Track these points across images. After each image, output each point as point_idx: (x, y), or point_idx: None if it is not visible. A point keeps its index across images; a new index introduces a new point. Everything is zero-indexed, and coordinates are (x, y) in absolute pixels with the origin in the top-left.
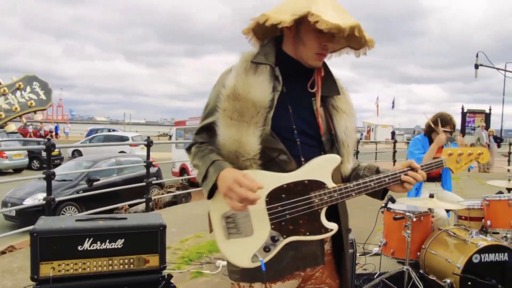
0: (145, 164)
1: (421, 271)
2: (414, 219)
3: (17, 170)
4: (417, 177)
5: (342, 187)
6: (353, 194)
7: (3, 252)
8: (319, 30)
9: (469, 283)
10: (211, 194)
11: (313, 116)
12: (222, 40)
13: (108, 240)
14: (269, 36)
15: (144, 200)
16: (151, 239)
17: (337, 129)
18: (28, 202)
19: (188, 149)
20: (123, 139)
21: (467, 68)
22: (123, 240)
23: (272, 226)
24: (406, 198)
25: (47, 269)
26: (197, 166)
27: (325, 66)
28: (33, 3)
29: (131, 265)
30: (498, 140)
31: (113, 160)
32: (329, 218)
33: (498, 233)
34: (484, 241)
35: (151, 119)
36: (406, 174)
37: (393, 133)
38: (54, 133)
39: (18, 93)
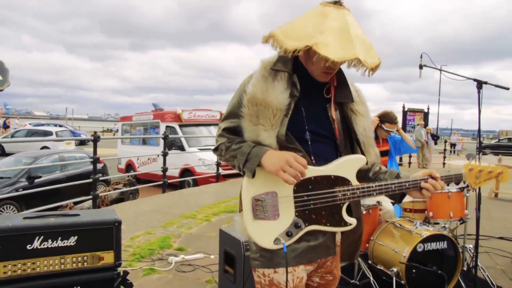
0: (91, 160)
1: (369, 261)
2: (364, 212)
3: None
4: (437, 185)
5: (365, 186)
6: (374, 194)
7: None
8: None
9: (414, 270)
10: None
11: (327, 120)
12: (167, 35)
13: (60, 238)
14: None
15: (90, 197)
16: (106, 235)
17: (357, 131)
18: None
19: (216, 148)
20: (46, 134)
21: (407, 69)
22: (76, 237)
23: (296, 213)
24: None
25: None
26: (233, 156)
27: (340, 73)
28: None
29: (85, 263)
30: (435, 137)
31: (56, 156)
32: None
33: (438, 223)
34: (427, 231)
35: (94, 114)
36: (426, 182)
37: None
38: (1, 129)
39: None
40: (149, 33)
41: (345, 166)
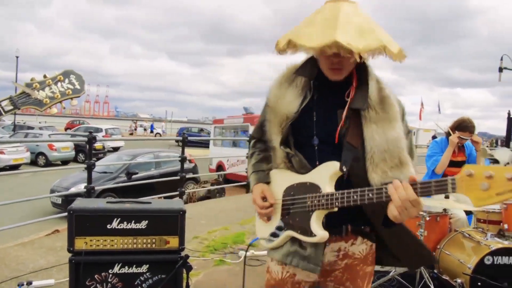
0: (179, 159)
1: (435, 271)
2: (428, 218)
3: (65, 162)
4: (399, 190)
5: (329, 194)
6: (336, 203)
7: (49, 235)
8: None
9: (479, 283)
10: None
11: (337, 125)
12: (263, 41)
13: (133, 221)
14: None
15: (177, 193)
16: (172, 222)
17: (365, 140)
18: (73, 191)
19: (249, 141)
20: (98, 131)
21: None
22: (146, 221)
23: (281, 217)
24: (422, 198)
25: (80, 243)
26: (249, 164)
27: (360, 76)
28: (83, 5)
29: (153, 245)
30: None
31: (151, 155)
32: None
33: None
34: (498, 243)
35: (192, 117)
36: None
37: (434, 137)
38: (149, 131)
39: (59, 84)
40: (245, 40)
41: (321, 173)
